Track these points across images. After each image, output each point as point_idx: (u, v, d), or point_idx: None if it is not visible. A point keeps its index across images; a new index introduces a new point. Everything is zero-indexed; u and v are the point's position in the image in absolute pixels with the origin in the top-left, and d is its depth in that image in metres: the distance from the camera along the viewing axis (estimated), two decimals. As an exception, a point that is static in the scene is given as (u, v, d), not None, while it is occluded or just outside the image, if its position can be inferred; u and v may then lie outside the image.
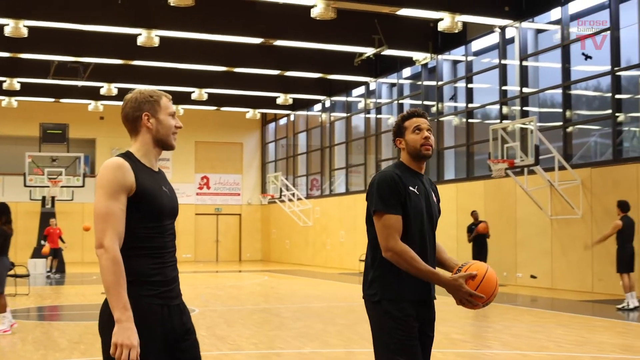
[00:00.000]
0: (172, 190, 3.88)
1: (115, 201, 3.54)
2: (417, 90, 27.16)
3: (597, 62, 19.47)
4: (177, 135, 3.87)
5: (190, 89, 30.22)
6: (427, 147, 4.37)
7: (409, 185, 4.31)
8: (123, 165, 3.60)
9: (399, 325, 4.21)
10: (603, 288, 17.99)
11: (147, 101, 3.79)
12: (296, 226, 34.55)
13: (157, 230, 3.66)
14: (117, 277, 3.47)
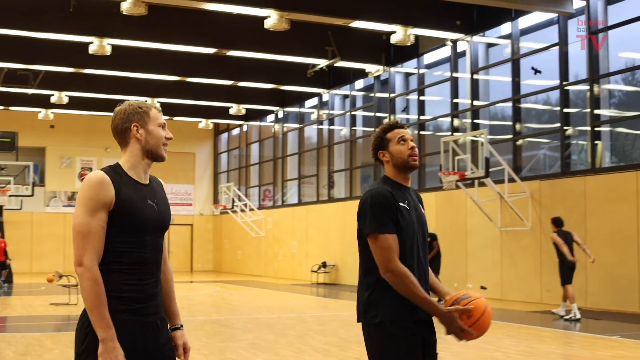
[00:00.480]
0: (162, 203, 3.78)
1: (94, 218, 3.50)
2: (369, 102, 27.33)
3: (546, 77, 19.80)
4: (167, 146, 3.80)
5: (142, 98, 29.99)
6: (415, 157, 4.26)
7: (400, 201, 4.18)
8: (103, 180, 3.55)
9: (404, 347, 4.07)
10: (551, 299, 18.24)
11: (136, 112, 3.72)
12: (248, 237, 34.47)
13: (136, 245, 3.59)
14: (98, 297, 3.44)
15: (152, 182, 3.82)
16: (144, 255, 3.61)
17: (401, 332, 4.08)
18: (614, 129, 18.56)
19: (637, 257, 16.28)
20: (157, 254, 3.70)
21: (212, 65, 25.98)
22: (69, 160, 37.16)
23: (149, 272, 3.65)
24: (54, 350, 10.99)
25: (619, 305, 16.64)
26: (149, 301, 3.65)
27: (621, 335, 12.79)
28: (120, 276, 3.55)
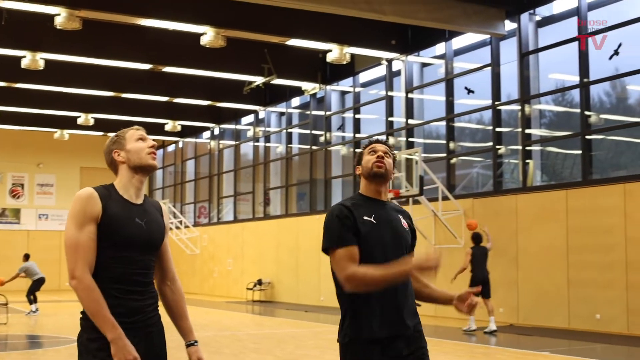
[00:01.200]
0: (154, 223, 3.85)
1: (83, 231, 3.63)
2: (305, 119, 27.43)
3: (479, 96, 20.15)
4: (154, 154, 3.94)
5: (76, 113, 29.64)
6: (379, 163, 4.15)
7: (363, 215, 4.08)
8: (91, 195, 3.69)
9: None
10: (484, 315, 18.48)
11: (114, 142, 3.93)
12: (183, 254, 34.17)
13: (123, 261, 3.68)
14: (97, 303, 3.57)
15: (147, 203, 3.93)
16: (130, 272, 3.71)
17: (360, 351, 3.99)
18: (545, 149, 18.96)
19: (566, 273, 16.63)
20: (145, 272, 3.79)
21: (148, 81, 25.78)
22: (1, 175, 36.43)
23: (135, 287, 3.73)
24: (-18, 370, 10.75)
25: (548, 321, 16.96)
26: (136, 314, 3.72)
27: (551, 351, 13.03)
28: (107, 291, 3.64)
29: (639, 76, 16.53)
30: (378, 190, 4.22)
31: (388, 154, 4.24)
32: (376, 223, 4.09)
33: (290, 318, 20.55)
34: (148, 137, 3.97)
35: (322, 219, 13.98)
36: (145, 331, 3.76)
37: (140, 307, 3.74)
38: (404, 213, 4.31)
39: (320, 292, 24.83)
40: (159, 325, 3.88)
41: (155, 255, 3.89)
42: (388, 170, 4.20)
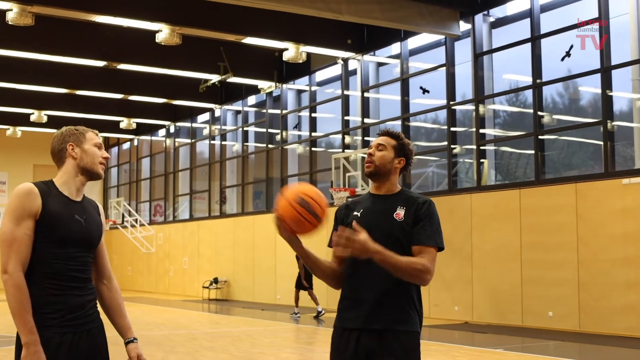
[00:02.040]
0: (92, 221, 3.88)
1: (20, 227, 3.63)
2: (261, 118, 27.40)
3: (434, 96, 20.31)
4: (104, 165, 3.95)
5: (29, 110, 29.27)
6: (367, 163, 4.21)
7: (355, 210, 4.18)
8: (31, 190, 3.69)
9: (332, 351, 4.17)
10: (439, 313, 18.66)
11: (71, 134, 3.90)
12: (138, 252, 33.95)
13: (61, 257, 3.70)
14: (20, 303, 3.57)
15: (85, 201, 3.94)
16: (68, 267, 3.73)
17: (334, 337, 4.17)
18: (499, 148, 19.18)
19: (520, 272, 16.84)
20: (82, 269, 3.80)
21: (102, 78, 25.54)
22: (-50, 173, 35.86)
23: (74, 284, 3.76)
24: None
25: (502, 319, 17.17)
26: (77, 311, 3.75)
27: (505, 348, 13.19)
28: (47, 286, 3.67)
29: (590, 77, 16.78)
30: (376, 186, 4.27)
31: (383, 146, 4.22)
32: (360, 217, 4.13)
33: (247, 316, 20.53)
34: (103, 148, 4.00)
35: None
36: (86, 328, 3.80)
37: (81, 303, 3.77)
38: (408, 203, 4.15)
39: (276, 291, 24.84)
40: (99, 322, 3.92)
41: (93, 253, 3.91)
42: (378, 166, 4.19)
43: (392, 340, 4.00)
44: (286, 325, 17.82)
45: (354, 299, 4.10)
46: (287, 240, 4.06)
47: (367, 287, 4.07)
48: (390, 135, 4.28)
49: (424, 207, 4.11)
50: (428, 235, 4.08)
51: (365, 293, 4.06)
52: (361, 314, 4.04)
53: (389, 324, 4.02)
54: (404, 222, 4.08)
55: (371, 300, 4.05)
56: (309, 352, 12.79)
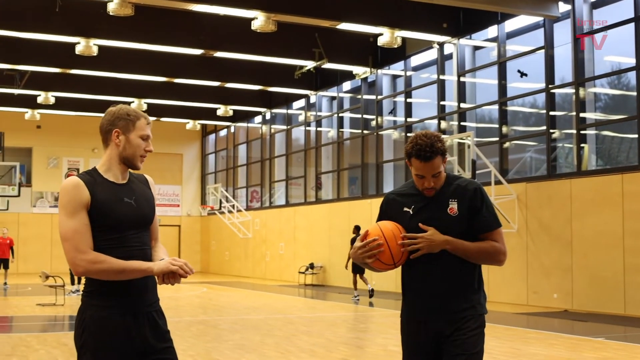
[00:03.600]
0: (143, 199, 3.91)
1: (76, 219, 3.67)
2: (356, 103, 27.37)
3: (532, 80, 19.89)
4: (145, 158, 3.92)
5: (129, 99, 29.96)
6: (428, 192, 4.27)
7: (406, 206, 4.30)
8: (78, 184, 3.72)
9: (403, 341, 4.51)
10: (537, 300, 18.34)
11: (122, 118, 3.88)
12: (236, 238, 34.46)
13: (118, 242, 3.74)
14: (114, 266, 3.64)
15: (132, 179, 3.95)
16: (127, 251, 3.75)
17: (403, 326, 4.42)
18: (600, 132, 18.66)
19: (622, 259, 16.38)
20: (142, 249, 3.84)
21: (200, 67, 25.96)
22: (55, 160, 37.06)
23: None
24: (40, 350, 10.98)
25: (603, 307, 16.74)
26: (139, 294, 3.79)
27: (606, 337, 12.86)
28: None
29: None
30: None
31: (438, 173, 4.18)
32: (412, 213, 4.25)
33: (342, 302, 20.59)
34: (150, 137, 3.94)
35: (374, 203, 14.28)
36: (146, 311, 3.83)
37: (142, 285, 3.81)
38: (458, 194, 4.23)
39: (371, 277, 24.83)
40: (159, 307, 3.95)
41: (149, 230, 3.95)
42: (437, 189, 4.25)
43: (461, 326, 4.17)
44: (382, 311, 17.80)
45: (420, 292, 4.27)
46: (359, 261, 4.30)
47: (431, 276, 4.21)
48: (432, 150, 4.15)
49: (477, 195, 4.23)
50: (491, 221, 4.24)
51: (430, 282, 4.21)
52: (428, 302, 4.22)
53: (458, 312, 4.18)
54: (458, 216, 4.19)
55: (437, 291, 4.20)
56: (405, 338, 12.73)
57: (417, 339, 4.29)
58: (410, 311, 4.33)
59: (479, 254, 4.15)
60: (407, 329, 4.35)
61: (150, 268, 3.69)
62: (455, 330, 4.15)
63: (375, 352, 11.13)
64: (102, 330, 3.67)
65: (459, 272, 4.19)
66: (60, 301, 18.65)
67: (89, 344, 3.68)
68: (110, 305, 3.71)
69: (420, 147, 4.15)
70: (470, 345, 4.13)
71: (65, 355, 10.45)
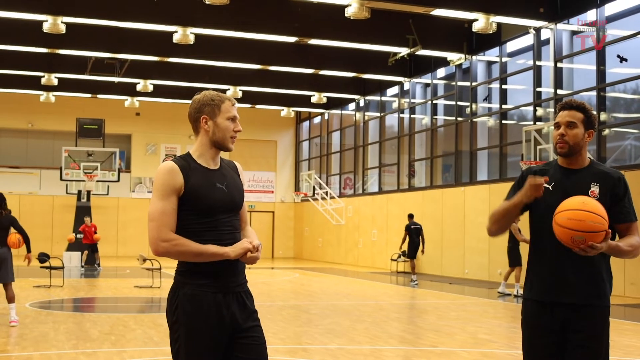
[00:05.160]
0: (233, 185, 4.03)
1: (166, 202, 3.82)
2: (451, 90, 27.13)
3: (633, 65, 19.33)
4: (235, 138, 4.04)
5: (225, 86, 30.44)
6: (560, 145, 4.21)
7: (546, 184, 4.19)
8: (173, 168, 3.86)
9: (524, 326, 4.40)
10: (635, 292, 17.89)
11: (207, 104, 4.01)
12: (328, 224, 34.65)
13: (210, 225, 3.88)
14: (192, 248, 3.80)
15: (223, 166, 4.08)
16: (218, 233, 3.89)
17: (526, 309, 4.29)
18: None
19: None
20: (232, 232, 3.96)
21: (294, 54, 26.16)
22: (154, 147, 37.94)
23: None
24: (137, 330, 11.32)
25: None
26: (230, 275, 3.92)
27: None
28: None
29: None
30: (568, 161, 4.26)
31: (573, 124, 4.17)
32: (552, 190, 4.17)
33: (434, 289, 20.51)
34: (237, 118, 4.04)
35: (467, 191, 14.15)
36: (236, 291, 3.94)
37: (232, 267, 3.92)
38: (601, 179, 4.18)
39: (464, 265, 24.65)
40: (247, 288, 4.05)
41: (239, 214, 4.05)
42: (573, 146, 4.18)
43: (586, 314, 4.07)
44: (474, 300, 17.66)
45: (548, 273, 4.16)
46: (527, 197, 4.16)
47: (560, 261, 4.12)
48: (577, 109, 4.20)
49: (621, 184, 4.15)
50: (632, 212, 4.16)
51: (559, 267, 4.12)
52: (555, 287, 4.11)
53: (584, 299, 4.08)
54: (599, 200, 4.05)
55: (565, 273, 4.10)
56: (497, 327, 12.63)
57: (537, 327, 4.23)
58: (535, 293, 4.23)
59: (629, 251, 4.05)
60: (530, 313, 4.28)
61: (227, 253, 3.82)
62: (581, 323, 4.09)
63: (464, 339, 11.07)
64: (194, 307, 3.81)
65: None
66: (157, 283, 19.14)
67: (182, 320, 3.82)
68: (202, 284, 3.84)
69: (568, 100, 4.27)
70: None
71: (160, 335, 10.74)
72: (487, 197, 23.16)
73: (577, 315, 4.07)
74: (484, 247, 23.33)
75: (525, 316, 4.27)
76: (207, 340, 3.81)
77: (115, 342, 10.17)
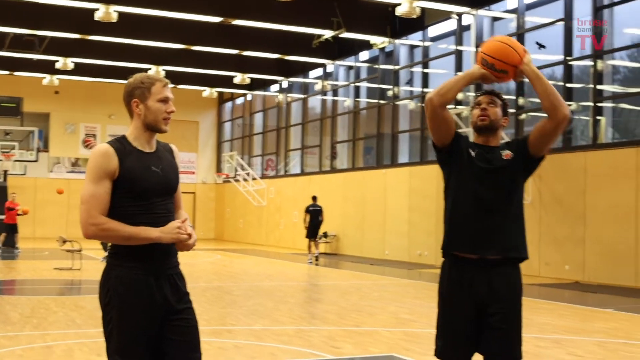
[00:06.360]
0: (169, 168, 4.05)
1: (98, 185, 3.81)
2: (374, 73, 27.37)
3: (550, 52, 19.83)
4: (169, 120, 4.02)
5: (147, 65, 30.04)
6: (482, 116, 4.42)
7: (470, 148, 4.43)
8: (107, 151, 3.84)
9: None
10: (549, 272, 18.44)
11: (138, 87, 3.97)
12: (250, 206, 34.65)
13: (144, 208, 3.88)
14: (121, 232, 3.79)
15: (159, 148, 4.09)
16: (152, 216, 3.90)
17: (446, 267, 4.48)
18: (617, 105, 18.63)
19: (635, 232, 16.44)
20: (166, 215, 3.97)
21: (218, 34, 25.97)
22: (73, 126, 37.26)
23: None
24: (58, 312, 11.19)
25: (615, 279, 16.83)
26: (162, 257, 3.94)
27: (616, 309, 12.98)
28: None
29: None
30: (484, 140, 4.48)
31: (493, 103, 4.44)
32: (474, 156, 4.38)
33: (355, 270, 20.76)
34: (170, 98, 4.03)
35: (389, 173, 14.40)
36: (168, 273, 3.97)
37: (164, 250, 3.94)
38: (510, 145, 4.48)
39: (385, 246, 24.99)
40: (180, 270, 4.10)
41: (173, 197, 4.09)
42: (493, 120, 4.42)
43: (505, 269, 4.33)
44: (394, 280, 17.95)
45: (465, 228, 4.34)
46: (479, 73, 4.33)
47: (476, 219, 4.31)
48: (497, 96, 4.50)
49: (518, 139, 4.49)
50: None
51: (476, 223, 4.31)
52: (477, 243, 4.29)
53: (504, 252, 4.30)
54: (513, 158, 4.38)
55: (485, 229, 4.30)
56: (418, 307, 12.89)
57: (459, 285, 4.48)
58: (453, 247, 4.42)
59: (554, 91, 4.38)
60: (448, 270, 4.51)
61: (159, 237, 3.83)
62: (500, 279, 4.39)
63: (386, 319, 11.28)
64: (126, 289, 3.83)
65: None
66: (77, 265, 18.90)
67: (115, 302, 3.83)
68: (134, 266, 3.85)
69: (489, 89, 4.58)
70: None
71: (83, 318, 10.65)
72: (407, 179, 23.50)
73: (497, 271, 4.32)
74: (404, 229, 23.70)
75: (443, 274, 4.50)
76: (139, 322, 3.82)
77: (37, 325, 10.04)
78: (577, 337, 10.00)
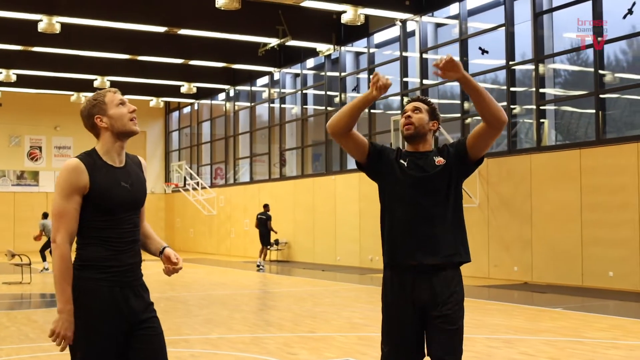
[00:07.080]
0: (137, 183, 4.10)
1: (68, 201, 3.85)
2: (320, 80, 27.53)
3: (493, 56, 20.18)
4: (135, 120, 4.08)
5: (92, 76, 29.83)
6: (407, 125, 4.50)
7: (400, 158, 4.50)
8: (77, 167, 3.88)
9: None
10: (498, 273, 18.74)
11: (93, 105, 4.02)
12: (200, 215, 34.54)
13: (112, 223, 3.94)
14: (62, 273, 3.82)
15: (128, 162, 4.15)
16: (120, 231, 3.97)
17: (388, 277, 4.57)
18: (559, 108, 19.03)
19: (580, 232, 16.81)
20: (132, 229, 4.05)
21: (163, 44, 25.89)
22: (17, 139, 36.76)
23: (126, 245, 3.99)
24: (10, 327, 11.09)
25: (562, 279, 17.18)
26: (128, 270, 4.00)
27: (564, 308, 13.27)
28: (100, 249, 3.91)
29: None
30: (414, 147, 4.56)
31: (418, 109, 4.54)
32: (407, 165, 4.45)
33: (308, 277, 20.86)
34: (126, 99, 4.10)
35: (338, 180, 14.64)
36: (132, 285, 4.03)
37: (130, 263, 4.01)
38: (441, 151, 4.55)
39: (336, 252, 25.13)
40: (143, 282, 4.16)
41: (140, 212, 4.15)
42: (418, 127, 4.51)
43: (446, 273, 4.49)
44: (347, 286, 18.09)
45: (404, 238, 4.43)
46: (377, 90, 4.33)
47: (415, 226, 4.40)
48: (422, 101, 4.62)
49: (450, 144, 4.57)
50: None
51: (414, 231, 4.40)
52: (417, 252, 4.39)
53: (445, 259, 4.44)
54: (446, 164, 4.45)
55: (424, 237, 4.39)
56: (370, 312, 13.03)
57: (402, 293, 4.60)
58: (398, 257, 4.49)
59: (491, 98, 4.41)
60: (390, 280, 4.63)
61: (64, 310, 3.82)
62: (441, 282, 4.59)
63: (340, 324, 11.40)
64: (92, 301, 3.87)
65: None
66: (26, 279, 18.69)
67: (79, 314, 3.86)
68: (99, 278, 3.90)
69: (415, 97, 4.70)
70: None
71: (36, 332, 10.58)
72: (357, 185, 23.68)
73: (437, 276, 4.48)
74: (355, 235, 23.88)
75: (385, 283, 4.62)
76: (105, 333, 3.87)
77: (-11, 340, 9.95)
78: (527, 337, 10.23)
